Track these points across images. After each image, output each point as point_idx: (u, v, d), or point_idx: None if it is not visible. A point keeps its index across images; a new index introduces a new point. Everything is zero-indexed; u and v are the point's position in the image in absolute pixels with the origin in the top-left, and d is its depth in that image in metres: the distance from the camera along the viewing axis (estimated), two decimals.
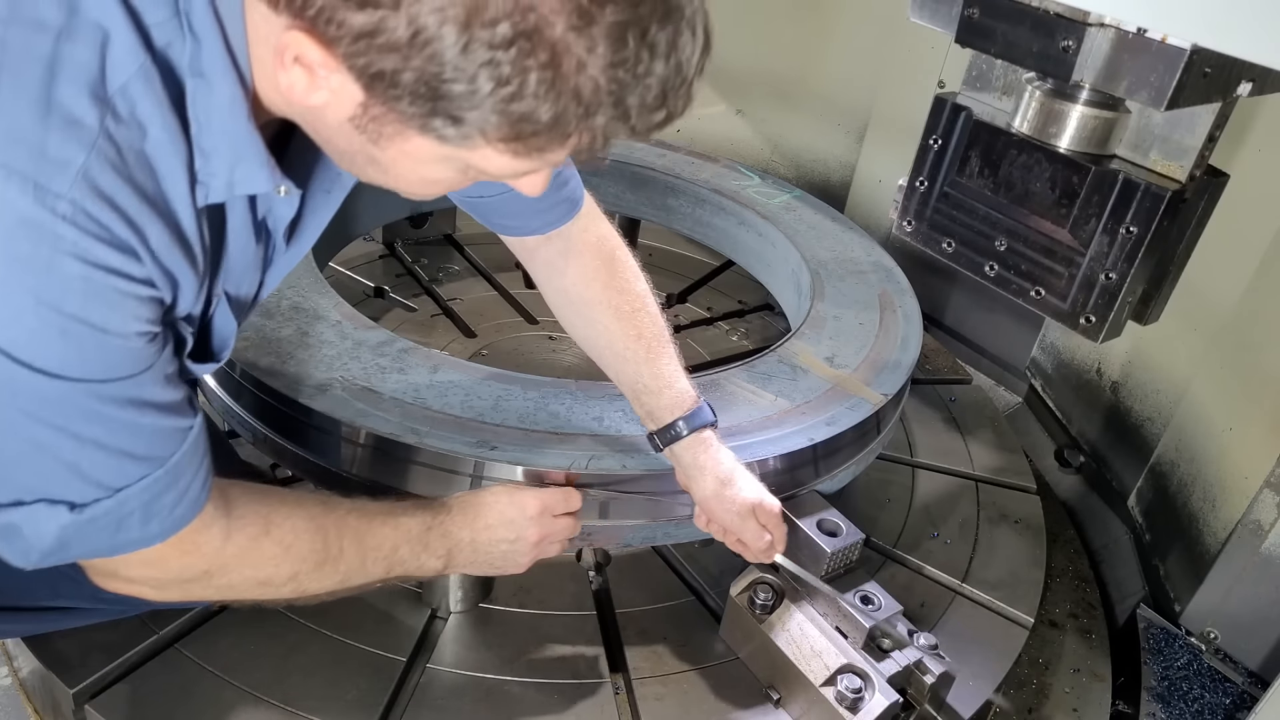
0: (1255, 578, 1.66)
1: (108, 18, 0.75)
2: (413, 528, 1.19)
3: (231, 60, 0.80)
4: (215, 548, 1.02)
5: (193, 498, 0.97)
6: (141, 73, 0.77)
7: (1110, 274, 1.17)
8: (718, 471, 1.31)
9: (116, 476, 0.90)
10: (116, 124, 0.76)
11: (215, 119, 0.81)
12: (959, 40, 1.16)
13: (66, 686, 1.29)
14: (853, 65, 2.76)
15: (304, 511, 1.10)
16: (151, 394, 0.89)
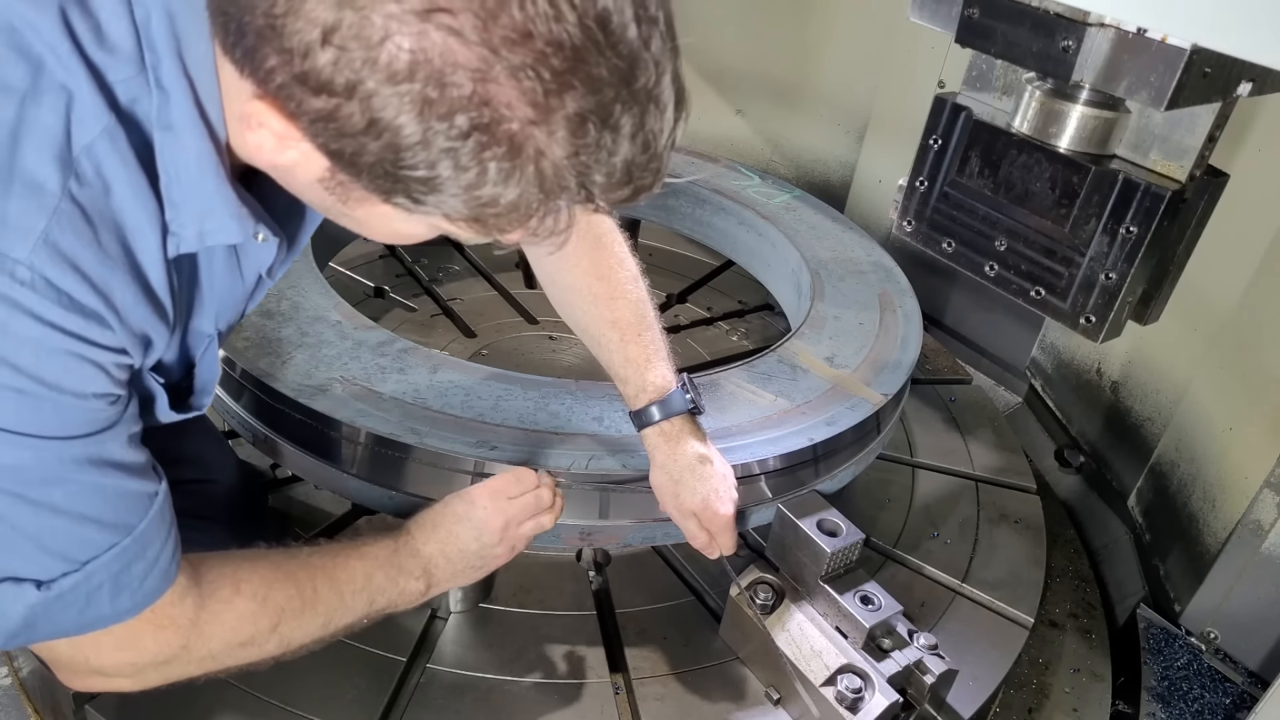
0: (1255, 578, 1.66)
1: (72, 79, 0.75)
2: (379, 554, 1.16)
3: (201, 114, 0.79)
4: (189, 618, 0.98)
5: (163, 568, 0.94)
6: (106, 133, 0.76)
7: (1110, 274, 1.17)
8: (669, 464, 1.31)
9: (82, 548, 0.87)
10: (80, 186, 0.76)
11: (184, 172, 0.81)
12: (959, 40, 1.16)
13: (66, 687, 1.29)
14: (853, 65, 2.77)
15: (268, 563, 1.07)
16: (113, 454, 0.87)
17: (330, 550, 1.13)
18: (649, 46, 0.67)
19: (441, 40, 0.62)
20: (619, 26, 0.64)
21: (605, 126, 0.67)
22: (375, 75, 0.64)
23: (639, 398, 1.32)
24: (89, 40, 0.75)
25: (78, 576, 0.87)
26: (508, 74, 0.63)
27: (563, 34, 0.62)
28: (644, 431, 1.33)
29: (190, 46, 0.77)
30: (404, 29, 0.62)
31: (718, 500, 1.32)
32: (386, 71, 0.63)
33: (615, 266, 1.33)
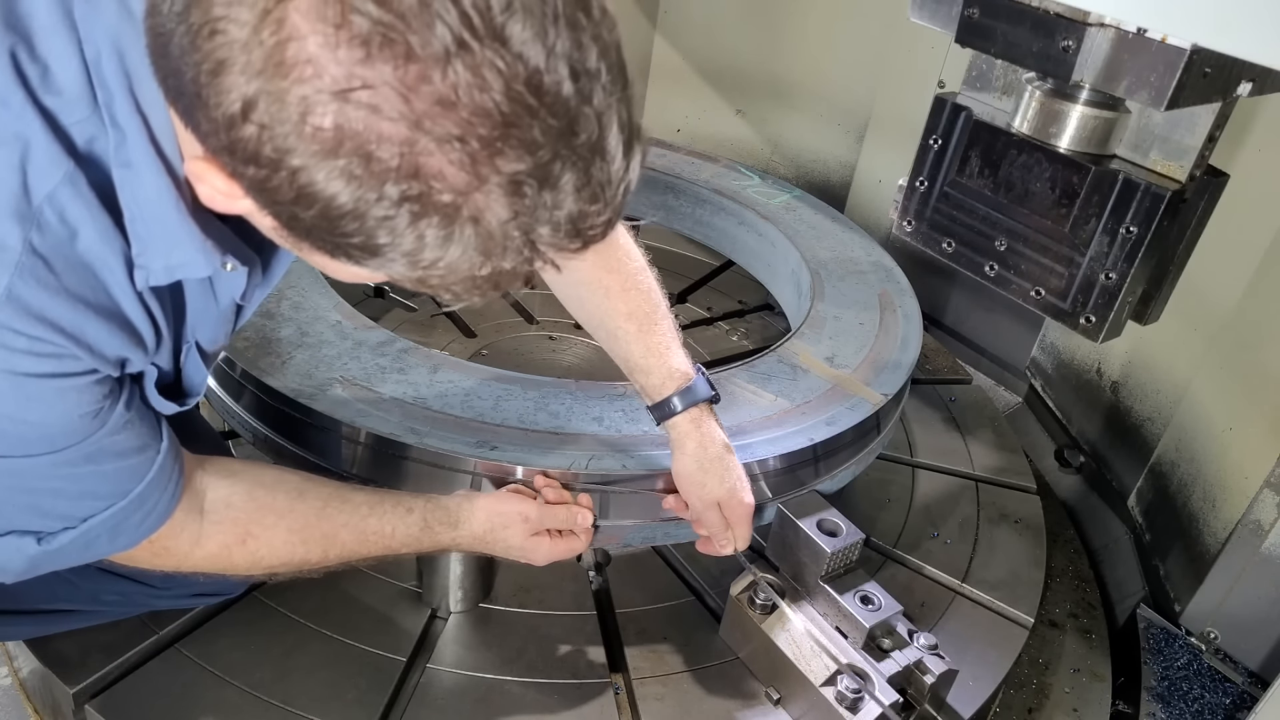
0: (1255, 578, 1.66)
1: (26, 127, 0.75)
2: (412, 532, 1.22)
3: (157, 151, 0.79)
4: (184, 552, 1.06)
5: (161, 511, 1.00)
6: (67, 178, 0.76)
7: (1110, 274, 1.17)
8: (699, 453, 1.30)
9: (81, 511, 0.94)
10: (43, 235, 0.76)
11: (146, 208, 0.80)
12: (959, 40, 1.16)
13: (66, 686, 1.29)
14: (853, 65, 2.76)
15: (290, 521, 1.12)
16: (108, 445, 0.91)
17: (364, 530, 1.19)
18: (590, 101, 0.64)
19: (363, 116, 0.60)
20: (552, 86, 0.62)
21: (545, 186, 0.64)
22: (300, 149, 0.62)
23: (664, 386, 1.29)
24: (39, 84, 0.75)
25: (75, 532, 0.94)
26: (435, 144, 0.61)
27: (488, 101, 0.60)
28: (672, 421, 1.30)
29: (141, 83, 0.76)
30: (323, 107, 0.60)
31: (743, 490, 1.31)
32: (311, 146, 0.61)
33: (624, 258, 1.31)
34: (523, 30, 0.60)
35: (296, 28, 0.58)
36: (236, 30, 0.59)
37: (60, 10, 0.75)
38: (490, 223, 0.65)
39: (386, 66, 0.59)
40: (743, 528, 1.32)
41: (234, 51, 0.60)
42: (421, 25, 0.58)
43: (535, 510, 1.29)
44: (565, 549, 1.32)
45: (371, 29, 0.58)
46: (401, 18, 0.58)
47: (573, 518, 1.32)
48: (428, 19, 0.58)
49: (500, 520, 1.27)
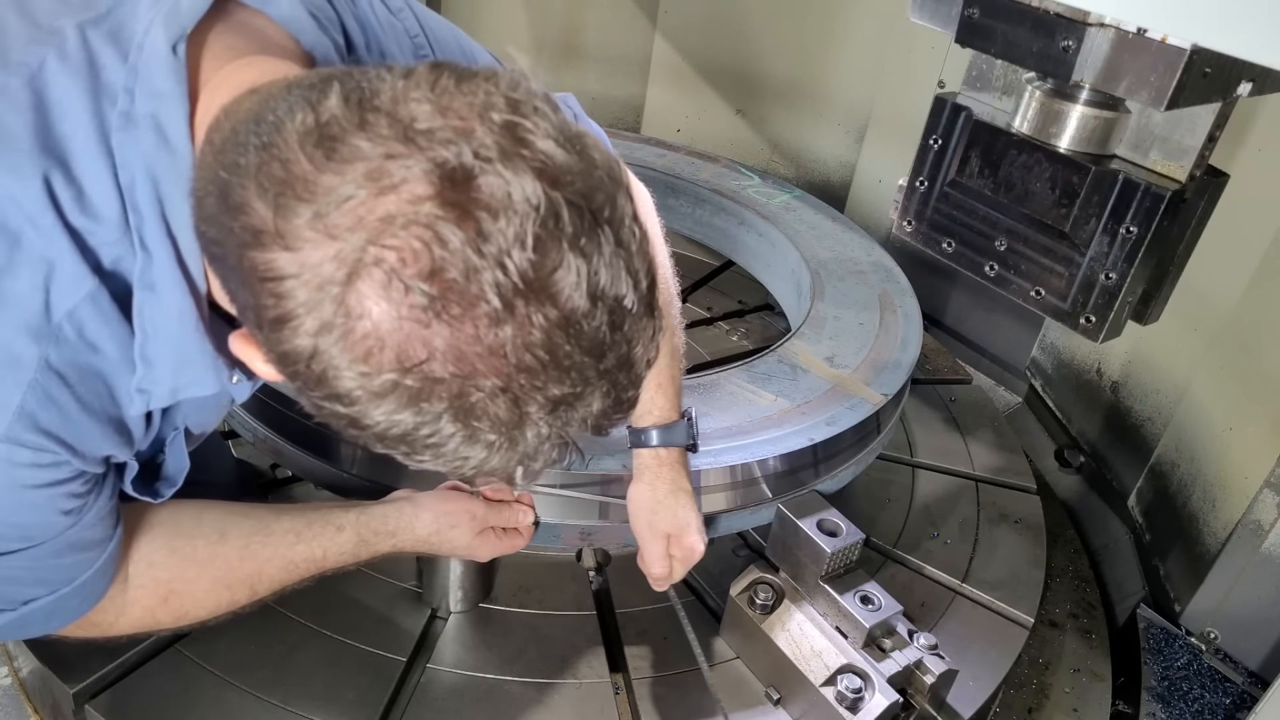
0: (1255, 578, 1.66)
1: (53, 249, 0.77)
2: (345, 549, 1.22)
3: (184, 272, 0.80)
4: (109, 623, 1.06)
5: (98, 594, 1.00)
6: (89, 297, 0.78)
7: (1110, 274, 1.17)
8: (654, 485, 1.31)
9: (24, 596, 0.94)
10: (60, 350, 0.78)
11: (163, 329, 0.82)
12: (959, 40, 1.16)
13: (66, 686, 1.29)
14: (853, 65, 2.76)
15: (212, 571, 1.11)
16: (76, 539, 0.92)
17: (293, 560, 1.18)
18: (620, 328, 0.68)
19: (419, 374, 0.64)
20: (590, 329, 0.66)
21: (578, 403, 0.69)
22: (359, 394, 0.65)
23: (642, 419, 1.31)
24: (71, 207, 0.77)
25: (12, 615, 0.94)
26: (483, 395, 0.65)
27: (529, 357, 0.64)
28: (638, 451, 1.32)
29: (173, 207, 0.78)
30: (382, 373, 0.64)
31: (696, 532, 1.31)
32: (369, 392, 0.65)
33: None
34: (568, 274, 0.64)
35: (363, 307, 0.62)
36: (303, 293, 0.63)
37: (98, 136, 0.77)
38: (528, 438, 0.69)
39: (443, 332, 0.63)
40: (681, 566, 1.33)
41: (300, 310, 0.63)
42: (469, 297, 0.62)
43: (482, 508, 1.30)
44: (508, 546, 1.34)
45: (429, 304, 0.62)
46: (452, 289, 0.62)
47: (515, 515, 1.34)
48: (477, 288, 0.62)
49: (448, 520, 1.27)
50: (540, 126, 0.65)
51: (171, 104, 0.77)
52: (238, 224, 0.65)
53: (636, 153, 2.42)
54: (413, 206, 0.61)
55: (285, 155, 0.63)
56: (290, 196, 0.62)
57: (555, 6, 3.05)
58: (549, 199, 0.63)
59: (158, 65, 0.77)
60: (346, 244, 0.61)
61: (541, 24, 3.08)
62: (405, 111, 0.63)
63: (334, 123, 0.63)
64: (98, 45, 0.79)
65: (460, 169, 0.62)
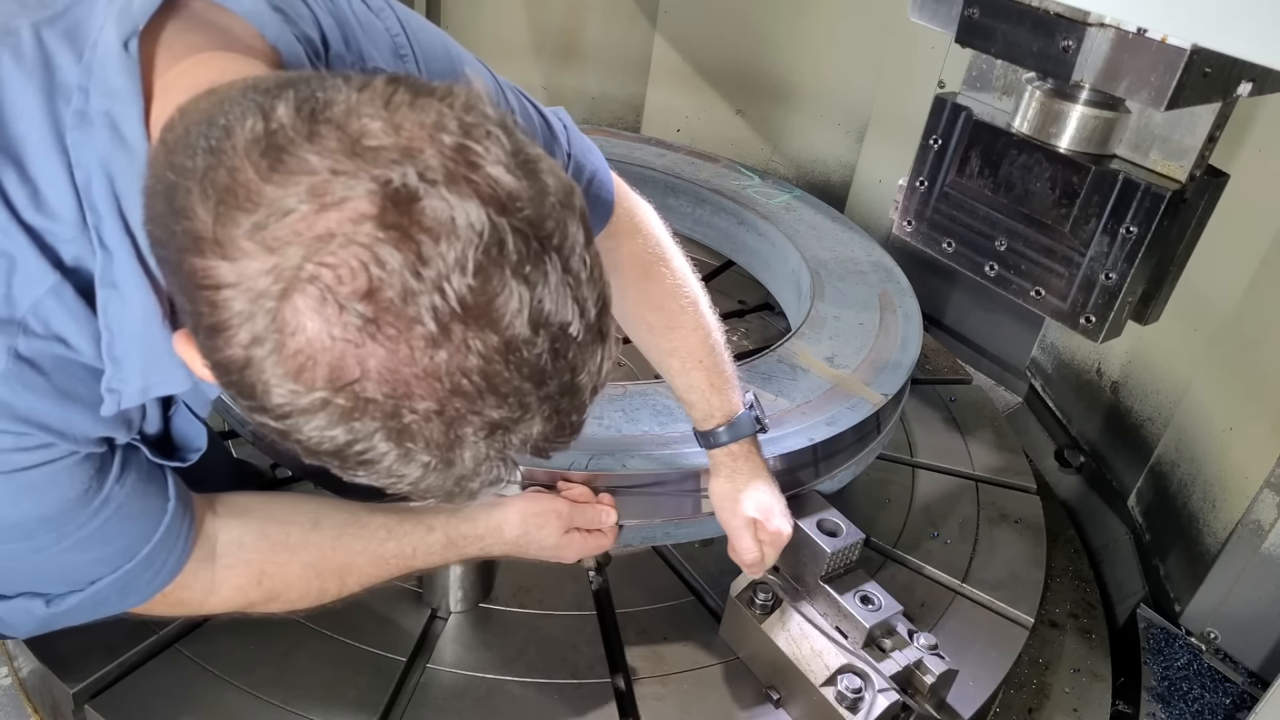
0: (1255, 578, 1.66)
1: (12, 245, 0.77)
2: (434, 550, 1.23)
3: (145, 269, 0.80)
4: (199, 600, 1.06)
5: (171, 567, 1.01)
6: (52, 291, 0.78)
7: (1110, 274, 1.17)
8: (733, 476, 1.33)
9: (88, 575, 0.95)
10: (29, 340, 0.78)
11: (128, 327, 0.81)
12: (959, 40, 1.16)
13: (66, 686, 1.29)
14: (853, 65, 2.76)
15: (304, 556, 1.12)
16: (111, 514, 0.92)
17: (382, 555, 1.18)
18: (564, 355, 0.68)
19: (351, 394, 0.63)
20: (530, 355, 0.65)
21: (517, 426, 0.68)
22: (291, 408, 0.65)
23: (706, 421, 1.32)
24: (26, 206, 0.77)
25: (83, 594, 0.96)
26: (418, 417, 0.65)
27: (466, 382, 0.64)
28: (712, 451, 1.33)
29: (131, 205, 0.77)
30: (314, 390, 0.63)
31: (780, 515, 1.32)
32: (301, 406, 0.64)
33: (668, 297, 1.31)
34: (509, 301, 0.63)
35: (298, 322, 0.62)
36: (238, 304, 0.62)
37: (53, 135, 0.77)
38: (465, 459, 0.68)
39: (377, 353, 0.62)
40: (772, 550, 1.34)
41: (235, 320, 0.63)
42: (405, 319, 0.61)
43: (567, 508, 1.31)
44: (595, 546, 1.35)
45: (363, 324, 0.61)
46: (388, 311, 0.61)
47: (599, 516, 1.35)
48: (414, 311, 0.61)
49: (536, 521, 1.28)
50: (491, 151, 0.64)
51: (125, 101, 0.76)
52: (180, 227, 0.65)
53: (636, 153, 2.42)
54: (353, 225, 0.61)
55: (232, 162, 0.63)
56: (232, 205, 0.62)
57: (555, 6, 3.05)
58: (494, 225, 0.62)
59: (110, 63, 0.76)
60: (284, 258, 0.61)
61: (541, 24, 3.08)
62: (356, 126, 0.63)
63: (282, 132, 0.63)
64: (53, 45, 0.78)
65: (404, 190, 0.61)
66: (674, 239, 1.36)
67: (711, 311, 1.35)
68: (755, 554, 1.33)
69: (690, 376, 1.31)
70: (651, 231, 1.30)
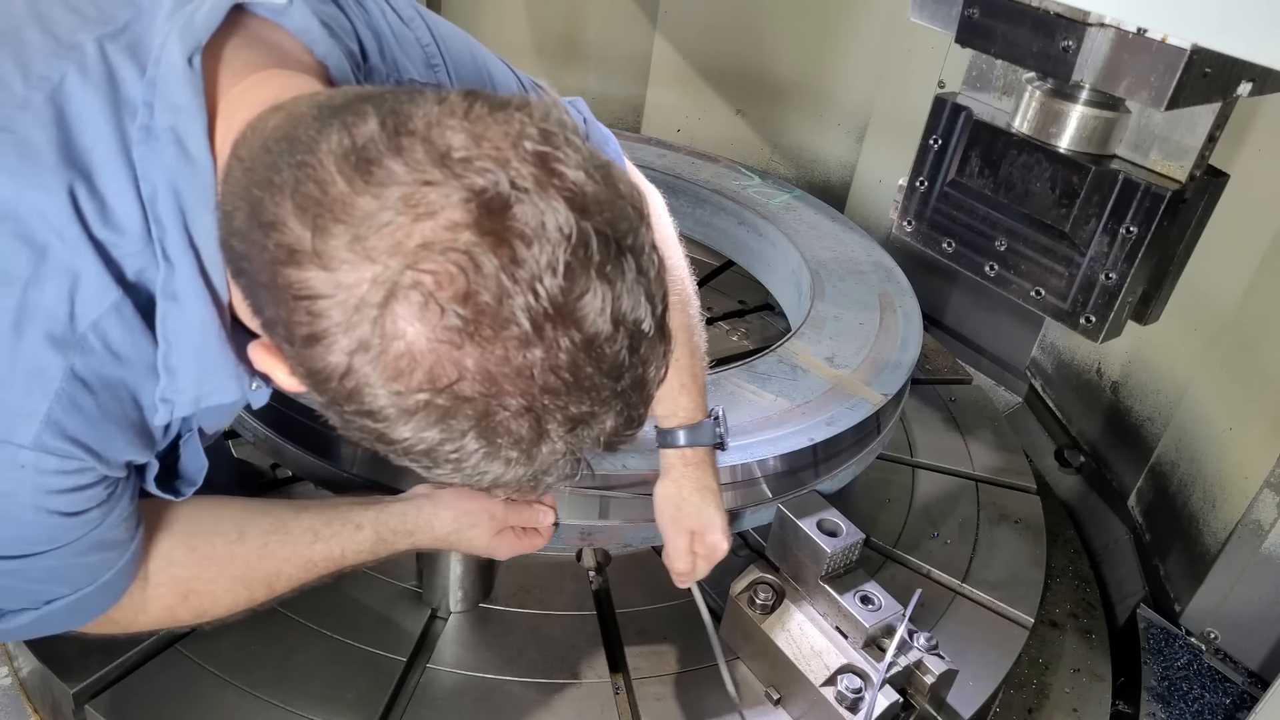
0: (1255, 578, 1.66)
1: (78, 260, 0.78)
2: (363, 548, 1.22)
3: (206, 281, 0.81)
4: (129, 619, 1.07)
5: (120, 591, 1.01)
6: (113, 308, 0.79)
7: (1110, 274, 1.17)
8: (680, 482, 1.31)
9: (47, 595, 0.95)
10: (85, 359, 0.79)
11: (185, 339, 0.83)
12: (959, 40, 1.16)
13: (66, 686, 1.29)
14: (853, 65, 2.76)
15: (231, 570, 1.12)
16: (98, 539, 0.93)
17: (312, 559, 1.18)
18: (637, 351, 0.70)
19: (448, 394, 0.66)
20: (611, 353, 0.68)
21: (593, 422, 0.71)
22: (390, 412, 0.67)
23: (667, 419, 1.31)
24: (95, 219, 0.78)
25: (36, 614, 0.95)
26: (508, 414, 0.67)
27: (554, 379, 0.66)
28: (664, 451, 1.33)
29: (195, 219, 0.79)
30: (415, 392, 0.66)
31: (720, 531, 1.31)
32: (399, 409, 0.67)
33: None
34: (594, 300, 0.66)
35: (399, 328, 0.64)
36: (338, 313, 0.65)
37: (119, 149, 0.79)
38: (544, 454, 0.71)
39: (474, 353, 0.65)
40: (705, 564, 1.33)
41: (335, 329, 0.65)
42: (500, 320, 0.64)
43: (501, 508, 1.30)
44: (527, 545, 1.34)
45: (462, 327, 0.64)
46: (485, 313, 0.64)
47: (535, 515, 1.34)
48: (509, 312, 0.64)
49: (468, 519, 1.27)
50: (571, 157, 0.67)
51: (190, 117, 0.78)
52: (271, 241, 0.66)
53: (636, 153, 2.41)
54: (450, 233, 0.63)
55: (321, 176, 0.65)
56: (328, 218, 0.64)
57: (555, 6, 3.05)
58: (579, 228, 0.65)
59: (174, 79, 0.78)
60: (385, 267, 0.63)
61: (541, 24, 3.08)
62: (440, 137, 0.65)
63: (371, 145, 0.65)
64: (116, 59, 0.80)
65: (497, 197, 0.64)
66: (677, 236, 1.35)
67: (700, 317, 1.34)
68: (687, 565, 1.32)
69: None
70: (658, 227, 1.30)
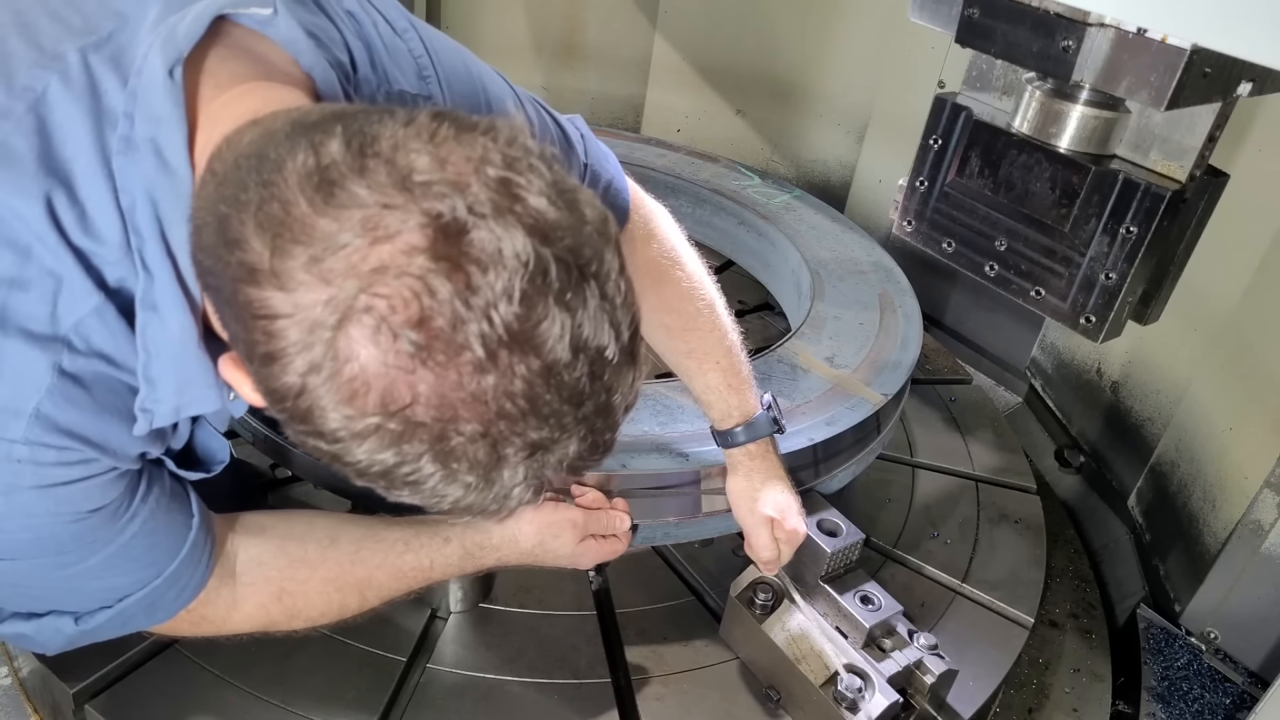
0: (1255, 578, 1.66)
1: (60, 264, 0.79)
2: (451, 561, 1.24)
3: (184, 291, 0.81)
4: (221, 617, 1.08)
5: (195, 584, 1.03)
6: (95, 311, 0.80)
7: (1110, 274, 1.17)
8: (750, 475, 1.34)
9: (116, 592, 0.97)
10: (73, 357, 0.80)
11: (165, 349, 0.83)
12: (959, 40, 1.16)
13: (66, 686, 1.29)
14: (853, 65, 2.76)
15: (323, 572, 1.14)
16: (140, 530, 0.94)
17: (402, 568, 1.19)
18: (600, 377, 0.70)
19: (401, 418, 0.66)
20: (570, 379, 0.68)
21: (554, 447, 0.71)
22: (343, 434, 0.67)
23: (724, 420, 1.33)
24: (74, 227, 0.79)
25: (111, 611, 0.98)
26: (464, 438, 0.67)
27: (509, 404, 0.66)
28: (728, 451, 1.35)
29: (173, 229, 0.79)
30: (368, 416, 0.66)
31: (796, 514, 1.34)
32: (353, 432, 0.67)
33: (683, 300, 1.31)
34: (552, 327, 0.66)
35: (352, 351, 0.64)
36: (294, 333, 0.65)
37: (99, 159, 0.79)
38: (504, 478, 0.71)
39: (428, 378, 0.65)
40: (788, 549, 1.36)
41: (291, 349, 0.65)
42: (455, 346, 0.64)
43: (581, 516, 1.31)
44: (610, 551, 1.36)
45: (415, 351, 0.64)
46: (438, 338, 0.64)
47: (613, 521, 1.36)
48: (463, 338, 0.64)
49: (552, 531, 1.29)
50: (534, 183, 0.67)
51: (170, 128, 0.78)
52: (234, 258, 0.67)
53: (636, 153, 2.42)
54: (406, 258, 0.63)
55: (285, 195, 0.65)
56: (287, 238, 0.64)
57: (555, 6, 3.05)
58: (538, 255, 0.65)
59: (155, 90, 0.78)
60: (340, 290, 0.63)
61: (541, 24, 3.08)
62: (404, 160, 0.65)
63: (334, 167, 0.65)
64: (99, 70, 0.80)
65: (454, 223, 0.63)
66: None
67: (728, 313, 1.35)
68: (772, 552, 1.34)
69: (708, 377, 1.32)
70: (666, 236, 1.30)
